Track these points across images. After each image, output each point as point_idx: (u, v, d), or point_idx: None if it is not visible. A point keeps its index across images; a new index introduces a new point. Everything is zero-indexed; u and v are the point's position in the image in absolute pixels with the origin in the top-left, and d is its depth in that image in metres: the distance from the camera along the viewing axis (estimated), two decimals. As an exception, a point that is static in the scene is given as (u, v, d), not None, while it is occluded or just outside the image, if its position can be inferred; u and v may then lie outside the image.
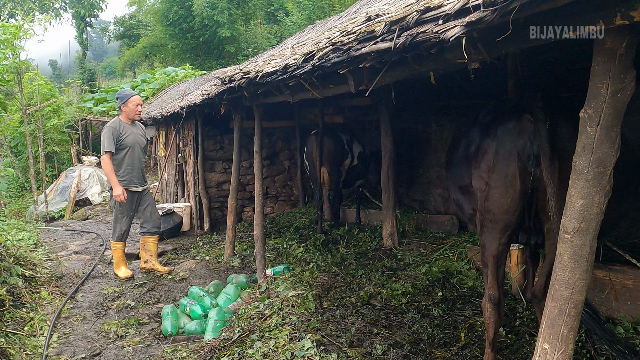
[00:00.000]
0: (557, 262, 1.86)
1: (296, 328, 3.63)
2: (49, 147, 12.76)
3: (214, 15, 18.33)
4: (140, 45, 24.42)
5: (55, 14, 24.15)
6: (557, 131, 2.41)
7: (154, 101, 13.35)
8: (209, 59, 20.60)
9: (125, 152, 5.33)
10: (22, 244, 5.97)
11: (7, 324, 3.92)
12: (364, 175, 6.80)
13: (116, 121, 5.40)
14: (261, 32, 21.46)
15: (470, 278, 4.38)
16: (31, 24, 10.01)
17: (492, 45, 1.72)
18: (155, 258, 5.72)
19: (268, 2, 22.83)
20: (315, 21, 18.68)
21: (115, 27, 29.37)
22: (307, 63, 2.51)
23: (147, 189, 5.68)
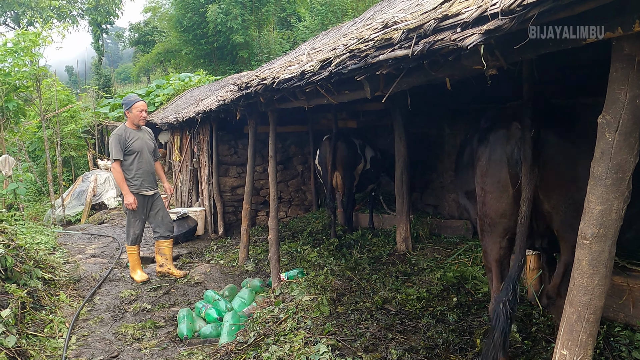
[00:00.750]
0: (576, 268, 1.86)
1: (311, 332, 3.64)
2: (66, 152, 12.97)
3: (227, 21, 18.52)
4: (155, 51, 24.75)
5: (72, 21, 24.59)
6: (543, 139, 2.49)
7: (169, 106, 13.49)
8: (222, 65, 20.80)
9: (134, 157, 5.39)
10: (41, 247, 6.08)
11: (28, 325, 3.99)
12: (376, 180, 6.81)
13: (122, 128, 5.46)
14: (274, 38, 21.60)
15: (485, 283, 4.36)
16: (49, 32, 10.22)
17: (509, 51, 1.74)
18: (170, 262, 5.78)
19: (281, 8, 22.99)
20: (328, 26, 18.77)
21: (131, 33, 29.81)
22: (323, 70, 2.54)
23: (158, 193, 5.73)
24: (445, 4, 1.98)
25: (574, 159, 2.46)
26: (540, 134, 2.49)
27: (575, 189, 2.44)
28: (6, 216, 5.39)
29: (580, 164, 2.40)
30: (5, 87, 9.09)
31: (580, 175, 2.38)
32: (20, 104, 9.91)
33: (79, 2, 25.10)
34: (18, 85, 9.52)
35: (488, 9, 1.51)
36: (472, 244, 5.47)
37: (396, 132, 5.86)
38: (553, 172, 2.49)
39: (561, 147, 2.49)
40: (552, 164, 2.50)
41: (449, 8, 1.79)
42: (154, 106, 15.53)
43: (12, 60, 9.46)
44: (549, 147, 2.50)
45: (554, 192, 2.53)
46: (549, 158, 2.50)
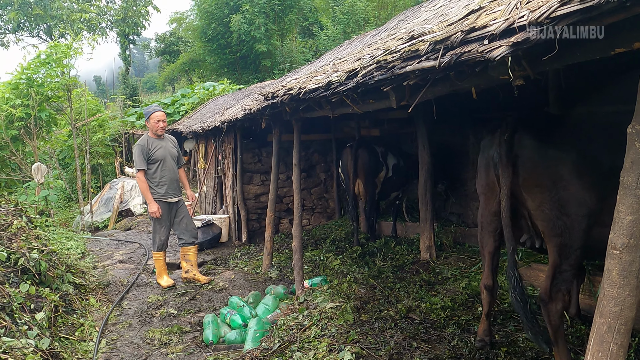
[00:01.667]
0: (606, 278, 1.84)
1: (335, 340, 3.66)
2: (94, 160, 13.31)
3: (250, 31, 18.80)
4: (180, 61, 25.25)
5: (101, 33, 25.32)
6: (519, 143, 2.78)
7: (194, 115, 13.74)
8: (245, 73, 21.09)
9: (157, 165, 5.52)
10: (71, 253, 6.26)
11: (60, 328, 4.11)
12: (399, 188, 6.80)
13: (144, 138, 5.59)
14: (296, 46, 21.83)
15: (511, 293, 4.30)
16: (80, 43, 10.56)
17: (537, 62, 1.75)
18: (195, 268, 5.88)
19: (303, 17, 23.22)
20: (350, 34, 18.89)
21: (157, 44, 30.48)
22: (350, 80, 2.59)
23: (182, 200, 5.82)
24: (471, 15, 2.01)
25: (553, 162, 2.66)
26: (515, 138, 2.78)
27: (557, 190, 2.64)
28: (40, 222, 5.57)
29: (560, 166, 2.63)
30: (39, 97, 9.43)
31: (562, 177, 2.62)
32: (52, 113, 10.27)
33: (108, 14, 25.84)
34: (50, 95, 9.87)
35: (515, 21, 1.53)
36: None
37: (419, 141, 5.85)
38: (531, 173, 2.74)
39: (538, 150, 2.73)
40: (530, 165, 2.74)
41: (475, 20, 1.81)
42: (179, 115, 15.83)
43: (45, 71, 9.83)
44: (526, 149, 2.76)
45: (534, 191, 2.76)
46: (526, 160, 2.76)
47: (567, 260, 2.69)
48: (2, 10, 23.39)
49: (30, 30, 24.53)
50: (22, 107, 9.28)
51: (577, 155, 2.61)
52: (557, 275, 2.72)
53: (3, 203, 5.27)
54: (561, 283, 2.71)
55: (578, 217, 2.62)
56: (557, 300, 2.72)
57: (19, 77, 9.59)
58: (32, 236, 4.78)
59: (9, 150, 9.60)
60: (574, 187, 2.60)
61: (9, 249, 4.24)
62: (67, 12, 22.54)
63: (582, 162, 2.60)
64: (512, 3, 1.71)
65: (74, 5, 23.41)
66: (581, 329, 3.56)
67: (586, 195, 2.58)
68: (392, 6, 21.74)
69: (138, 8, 26.07)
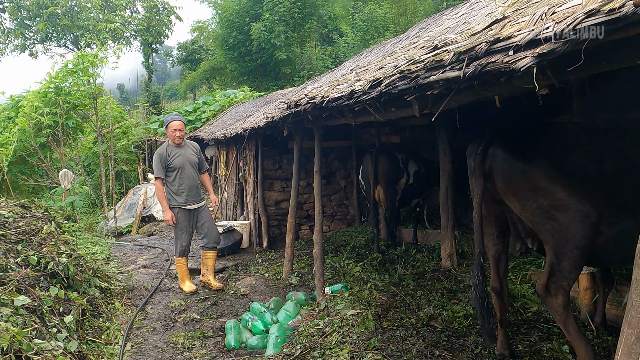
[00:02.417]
0: (633, 288, 1.82)
1: (357, 347, 3.67)
2: (118, 166, 13.58)
3: (270, 39, 19.00)
4: (201, 68, 25.65)
5: (125, 42, 25.90)
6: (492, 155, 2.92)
7: (215, 122, 13.93)
8: (265, 81, 21.31)
9: (176, 173, 5.59)
10: (97, 258, 6.41)
11: (87, 331, 4.21)
12: (420, 195, 6.78)
13: (163, 146, 5.69)
14: (316, 54, 21.97)
15: (535, 302, 4.25)
16: (106, 53, 10.83)
17: (562, 72, 1.75)
18: (211, 273, 5.92)
19: (323, 24, 23.38)
20: (369, 41, 18.93)
21: (179, 52, 31.03)
22: (373, 89, 2.62)
23: (204, 206, 5.86)
24: (495, 25, 2.02)
25: (527, 174, 2.76)
26: (489, 151, 2.93)
27: (535, 198, 2.73)
28: (68, 227, 5.72)
29: (534, 177, 2.72)
30: (66, 105, 9.69)
31: (538, 186, 2.71)
32: (79, 121, 10.53)
33: (132, 24, 26.44)
34: (77, 103, 10.13)
35: (541, 32, 1.54)
36: (519, 261, 5.34)
37: (440, 147, 5.84)
38: (506, 184, 2.88)
39: (510, 163, 2.86)
40: (504, 176, 2.88)
41: (500, 31, 1.82)
42: (201, 122, 16.07)
43: (72, 80, 10.10)
44: (499, 162, 2.90)
45: (512, 200, 2.88)
46: (500, 171, 2.90)
47: (564, 259, 2.73)
48: (31, 21, 24.14)
49: (57, 40, 25.26)
50: (50, 115, 9.55)
51: (550, 166, 2.70)
52: (554, 272, 2.78)
53: (33, 208, 5.43)
54: (561, 279, 2.76)
55: (566, 221, 2.67)
56: (557, 295, 2.78)
57: (48, 86, 9.88)
58: (61, 241, 4.92)
59: (38, 157, 9.88)
60: (553, 196, 2.68)
61: (39, 253, 4.37)
62: (93, 23, 23.16)
63: (557, 171, 2.68)
64: (537, 14, 1.73)
65: (99, 16, 24.03)
66: (608, 339, 3.49)
67: (571, 202, 2.63)
68: (411, 12, 21.74)
69: (161, 17, 26.61)
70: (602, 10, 1.39)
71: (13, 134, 10.00)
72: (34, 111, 9.56)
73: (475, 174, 3.00)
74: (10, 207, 5.14)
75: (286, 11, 19.31)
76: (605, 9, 1.38)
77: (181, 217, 5.65)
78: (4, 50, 25.27)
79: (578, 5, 1.56)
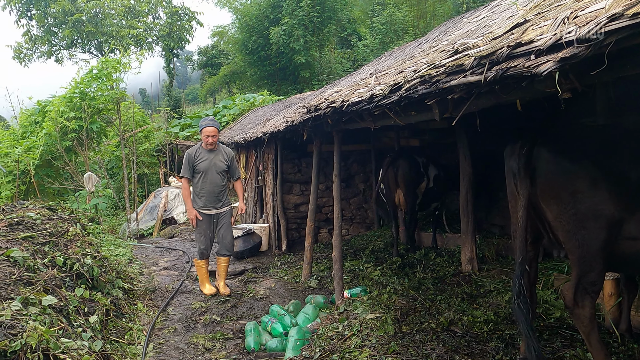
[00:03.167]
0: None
1: (376, 351, 3.67)
2: (140, 170, 13.82)
3: (289, 43, 19.13)
4: (221, 73, 25.95)
5: (148, 48, 26.38)
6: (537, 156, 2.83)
7: (234, 126, 14.08)
8: (284, 85, 21.44)
9: (199, 177, 5.64)
10: (120, 259, 6.53)
11: (111, 332, 4.30)
12: (439, 198, 6.74)
13: (195, 147, 5.75)
14: (334, 57, 22.02)
15: (558, 308, 4.19)
16: (129, 58, 11.06)
17: (585, 75, 1.74)
18: (222, 278, 5.94)
19: (341, 28, 23.42)
20: (388, 44, 18.90)
21: (199, 57, 31.43)
22: (393, 94, 2.63)
23: (225, 212, 5.83)
24: (516, 29, 2.01)
25: (570, 175, 2.68)
26: (534, 151, 2.83)
27: (574, 203, 2.65)
28: (92, 229, 5.85)
29: (577, 179, 2.65)
30: (91, 110, 9.92)
31: (579, 190, 2.63)
32: (102, 125, 10.77)
33: (154, 30, 26.92)
34: (101, 108, 10.36)
35: (563, 36, 1.53)
36: (542, 266, 5.27)
37: (461, 151, 5.80)
38: (548, 186, 2.78)
39: (556, 164, 2.77)
40: (547, 178, 2.79)
41: (521, 35, 1.82)
42: (221, 125, 16.26)
43: (96, 85, 10.34)
44: (544, 162, 2.81)
45: (551, 204, 2.79)
46: (543, 173, 2.80)
47: (590, 270, 2.70)
48: (57, 28, 24.79)
49: (82, 46, 25.87)
50: (75, 120, 9.79)
51: (595, 168, 2.63)
52: (580, 284, 2.74)
53: (60, 211, 5.57)
54: (588, 288, 2.72)
55: (596, 230, 2.62)
56: (584, 307, 2.74)
57: (73, 91, 10.13)
58: (86, 242, 5.03)
59: (63, 160, 10.13)
60: (592, 200, 2.62)
61: (65, 254, 4.48)
62: (117, 29, 23.66)
63: (601, 174, 2.61)
64: (559, 18, 1.72)
65: (122, 22, 24.54)
66: (633, 347, 3.42)
67: (605, 208, 2.58)
68: (431, 15, 21.65)
69: (182, 23, 27.02)
70: (625, 14, 1.38)
71: (40, 138, 10.27)
72: (59, 116, 9.81)
73: (519, 175, 2.89)
74: (37, 209, 5.28)
75: (305, 15, 19.42)
76: (629, 12, 1.37)
77: (200, 220, 5.70)
78: (31, 57, 25.98)
79: (601, 9, 1.55)
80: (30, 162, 9.90)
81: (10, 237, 4.18)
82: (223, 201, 5.82)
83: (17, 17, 24.62)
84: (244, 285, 6.29)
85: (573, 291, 2.78)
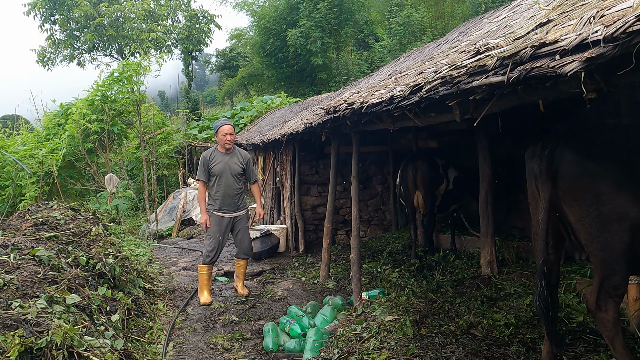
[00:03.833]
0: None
1: (395, 353, 3.65)
2: (159, 171, 14.00)
3: (307, 45, 19.18)
4: (239, 75, 26.16)
5: (167, 51, 26.76)
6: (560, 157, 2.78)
7: (252, 127, 14.17)
8: (302, 86, 21.51)
9: (214, 179, 5.57)
10: (140, 259, 6.63)
11: (132, 330, 4.36)
12: (459, 200, 6.68)
13: (209, 150, 5.71)
14: (352, 59, 22.01)
15: (580, 312, 4.11)
16: (149, 61, 11.21)
17: (611, 76, 1.71)
18: (240, 280, 5.94)
19: (359, 29, 23.40)
20: (406, 46, 18.81)
21: (217, 59, 31.74)
22: (413, 95, 2.62)
23: (242, 215, 5.75)
24: (539, 29, 1.99)
25: (594, 177, 2.63)
26: (556, 152, 2.78)
27: (597, 205, 2.59)
28: (114, 230, 5.95)
29: (601, 181, 2.59)
30: (112, 112, 10.08)
31: (602, 192, 2.57)
32: (123, 127, 10.92)
33: (174, 33, 27.30)
34: (122, 110, 10.52)
35: (589, 36, 1.51)
36: (563, 270, 5.18)
37: (480, 152, 5.74)
38: (571, 187, 2.74)
39: (579, 165, 2.73)
40: (570, 179, 2.74)
41: (545, 35, 1.80)
42: (239, 127, 16.38)
43: (117, 88, 10.50)
44: (567, 164, 2.76)
45: (573, 205, 2.75)
46: (566, 174, 2.75)
47: (613, 273, 2.64)
48: (79, 32, 25.30)
49: (103, 49, 26.37)
50: (97, 122, 9.96)
51: (619, 169, 2.58)
52: (603, 287, 2.69)
53: (82, 211, 5.68)
54: (611, 292, 2.67)
55: (620, 232, 2.56)
56: (607, 311, 2.68)
57: (95, 94, 10.30)
58: (108, 242, 5.12)
59: (85, 161, 10.31)
60: (615, 202, 2.56)
61: (88, 254, 4.56)
62: (137, 32, 24.05)
63: (625, 176, 2.56)
64: (584, 17, 1.69)
65: (143, 26, 24.93)
66: (659, 353, 3.35)
67: (629, 210, 2.53)
68: (449, 16, 21.49)
69: (201, 26, 27.34)
70: (654, 12, 1.35)
71: (63, 140, 10.48)
72: (82, 118, 9.99)
73: (541, 176, 2.85)
74: (61, 209, 5.39)
75: (322, 17, 19.45)
76: (658, 11, 1.35)
77: (212, 221, 5.62)
78: (54, 60, 26.56)
79: (629, 8, 1.52)
80: (53, 163, 10.11)
81: (35, 236, 4.28)
82: (239, 205, 5.74)
83: (40, 21, 25.23)
84: (262, 286, 6.33)
85: (596, 295, 2.73)
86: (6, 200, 9.90)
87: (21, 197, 9.96)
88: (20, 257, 3.72)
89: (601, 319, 2.73)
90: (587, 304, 2.82)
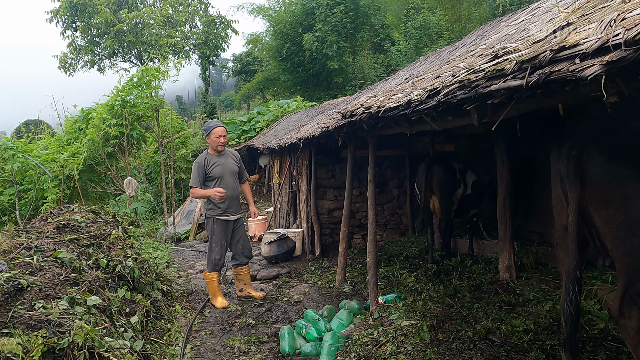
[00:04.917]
0: None
1: (411, 358, 3.63)
2: (177, 175, 14.16)
3: (323, 49, 19.24)
4: (255, 79, 26.36)
5: (185, 56, 27.13)
6: (587, 159, 2.72)
7: (268, 132, 14.25)
8: (318, 90, 21.57)
9: (215, 183, 5.43)
10: (159, 262, 6.71)
11: (150, 332, 4.42)
12: (478, 205, 6.61)
13: (202, 155, 5.52)
14: (368, 63, 22.00)
15: (602, 319, 4.04)
16: (167, 67, 11.38)
17: (633, 79, 1.69)
18: (249, 285, 5.89)
19: (374, 33, 23.40)
20: (422, 49, 18.74)
21: (234, 64, 32.04)
22: (431, 99, 2.62)
23: (241, 220, 5.73)
24: (558, 32, 1.98)
25: (622, 180, 2.56)
26: (584, 154, 2.72)
27: (625, 209, 2.53)
28: (133, 232, 6.03)
29: (629, 184, 2.52)
30: (131, 117, 10.26)
31: (631, 195, 2.50)
32: (142, 131, 11.10)
33: (192, 39, 27.67)
34: (141, 115, 10.69)
35: (610, 40, 1.50)
36: (584, 275, 5.09)
37: (498, 156, 5.68)
38: (598, 190, 2.68)
39: (607, 167, 2.67)
40: (597, 182, 2.68)
41: (564, 38, 1.78)
42: (255, 131, 16.48)
43: (136, 93, 10.69)
44: (595, 166, 2.70)
45: (600, 209, 2.69)
46: (594, 177, 2.69)
47: (638, 280, 2.57)
48: (100, 38, 25.82)
49: (123, 55, 26.86)
50: (117, 126, 10.14)
51: None
52: (627, 294, 2.63)
53: (103, 214, 5.78)
54: (636, 298, 2.60)
55: None
56: (630, 317, 2.62)
57: (115, 99, 10.50)
58: (127, 245, 5.20)
59: (105, 165, 10.50)
60: None
61: (108, 256, 4.64)
62: (156, 38, 24.45)
63: None
64: (604, 20, 1.68)
65: (161, 32, 25.34)
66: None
67: None
68: (466, 19, 21.34)
69: (218, 32, 27.67)
70: (677, 15, 1.34)
71: (83, 144, 10.68)
72: (102, 122, 10.18)
73: (569, 178, 2.80)
74: (82, 212, 5.49)
75: (338, 21, 19.50)
76: (681, 13, 1.33)
77: (217, 228, 5.51)
78: (75, 66, 27.13)
79: (650, 11, 1.51)
80: (74, 167, 10.31)
81: (57, 239, 4.36)
82: (240, 207, 5.74)
83: (62, 28, 25.81)
84: (278, 289, 6.35)
85: (619, 301, 2.68)
86: (29, 203, 10.13)
87: (43, 200, 10.18)
88: (43, 259, 3.80)
89: (624, 326, 2.68)
90: (610, 311, 2.77)
